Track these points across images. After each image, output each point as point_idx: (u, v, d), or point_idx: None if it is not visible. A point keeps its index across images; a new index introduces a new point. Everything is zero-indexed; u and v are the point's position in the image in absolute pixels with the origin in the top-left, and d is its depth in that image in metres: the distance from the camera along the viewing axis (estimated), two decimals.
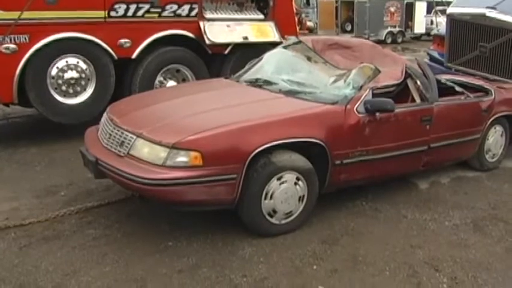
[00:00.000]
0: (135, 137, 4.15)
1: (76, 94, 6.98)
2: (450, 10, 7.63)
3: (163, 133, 4.08)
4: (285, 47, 6.05)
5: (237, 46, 8.12)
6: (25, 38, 6.56)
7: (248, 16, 8.40)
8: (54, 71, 6.79)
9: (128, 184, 4.03)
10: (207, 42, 7.77)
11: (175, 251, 4.16)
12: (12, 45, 6.46)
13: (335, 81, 5.11)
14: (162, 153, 3.95)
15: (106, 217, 4.71)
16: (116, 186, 4.94)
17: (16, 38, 6.49)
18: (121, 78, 7.36)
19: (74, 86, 6.94)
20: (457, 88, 5.88)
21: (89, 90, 7.06)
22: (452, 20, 7.48)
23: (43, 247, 4.23)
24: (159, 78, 7.55)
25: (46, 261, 4.02)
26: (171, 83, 7.62)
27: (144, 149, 4.06)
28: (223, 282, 3.76)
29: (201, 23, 7.78)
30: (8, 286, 3.71)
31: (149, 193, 4.01)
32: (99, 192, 5.23)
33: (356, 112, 4.66)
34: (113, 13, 7.08)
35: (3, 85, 6.50)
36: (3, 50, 6.38)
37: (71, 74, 6.88)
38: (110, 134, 4.38)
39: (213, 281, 3.76)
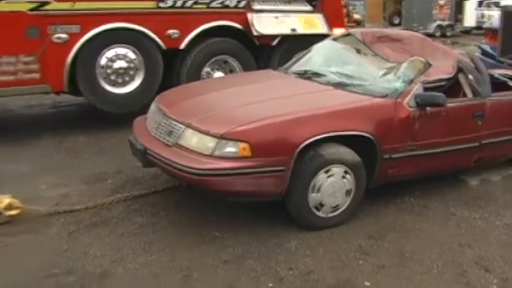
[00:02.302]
0: (183, 126, 4.17)
1: (124, 84, 7.07)
2: (504, 2, 7.43)
3: (212, 123, 4.09)
4: (334, 39, 5.99)
5: (284, 38, 8.07)
6: (76, 28, 6.67)
7: (296, 8, 8.33)
8: (103, 61, 6.89)
9: (175, 173, 4.06)
10: (255, 33, 7.75)
11: (221, 241, 4.16)
12: (63, 35, 6.58)
13: (385, 74, 5.03)
14: (210, 143, 3.96)
15: (153, 205, 4.75)
16: (163, 175, 4.99)
17: (68, 28, 6.60)
18: (169, 69, 7.41)
19: (123, 76, 7.03)
20: (510, 83, 5.71)
21: (137, 80, 7.14)
22: (506, 12, 7.27)
23: (91, 233, 4.30)
24: (207, 69, 7.58)
25: (94, 247, 4.08)
26: (218, 74, 7.64)
27: (192, 139, 4.08)
28: (268, 274, 3.75)
29: (249, 15, 7.76)
30: (58, 270, 3.78)
31: (197, 183, 4.03)
32: (146, 180, 5.28)
33: (406, 106, 4.57)
34: (162, 4, 7.13)
35: (55, 74, 6.63)
36: (55, 40, 6.49)
37: (120, 64, 6.97)
38: (159, 124, 4.41)
39: (258, 273, 3.76)
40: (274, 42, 8.07)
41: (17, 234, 4.29)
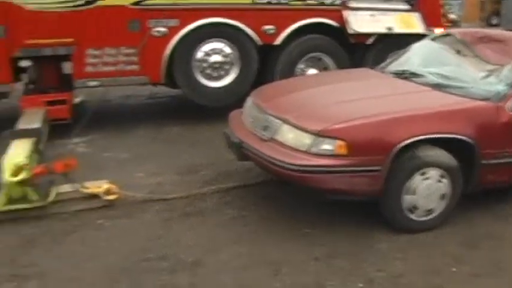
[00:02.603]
0: (280, 122, 4.20)
1: (219, 78, 7.20)
2: None
3: (309, 120, 4.09)
4: (433, 39, 5.84)
5: (380, 37, 7.94)
6: (175, 22, 6.86)
7: (393, 6, 8.16)
8: (200, 55, 7.05)
9: (270, 168, 4.10)
10: (350, 31, 7.67)
11: (311, 238, 4.17)
12: (163, 29, 6.77)
13: (486, 76, 4.85)
14: (307, 139, 3.97)
15: (244, 199, 4.82)
16: (255, 169, 5.05)
17: (167, 22, 6.79)
18: (263, 64, 7.47)
19: (218, 70, 7.16)
20: None
21: (232, 75, 7.25)
22: None
23: (184, 222, 4.42)
24: (301, 65, 7.58)
25: (187, 236, 4.19)
26: (311, 71, 7.61)
27: (288, 135, 4.10)
28: (358, 274, 3.72)
29: (345, 12, 7.69)
30: (152, 255, 3.92)
31: (291, 178, 4.05)
32: (238, 174, 5.35)
33: (508, 110, 4.39)
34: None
35: (153, 66, 6.86)
36: (155, 33, 6.69)
37: (215, 58, 7.11)
38: (255, 118, 4.47)
39: (348, 272, 3.73)
40: (369, 41, 7.95)
41: (114, 218, 4.49)
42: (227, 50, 7.15)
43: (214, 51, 7.09)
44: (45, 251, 4.03)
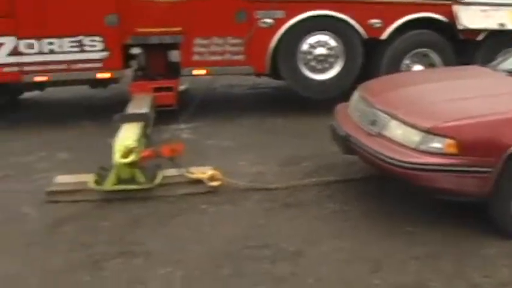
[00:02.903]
0: (388, 117, 4.14)
1: (324, 70, 7.17)
2: None
3: (419, 116, 4.01)
4: None
5: (490, 33, 7.62)
6: (281, 14, 6.91)
7: (506, 1, 7.81)
8: (305, 47, 7.06)
9: (377, 163, 4.06)
10: (459, 27, 7.40)
11: (413, 237, 4.08)
12: (269, 20, 6.83)
13: None
14: (416, 136, 3.90)
15: (345, 193, 4.79)
16: (357, 163, 5.01)
17: (273, 14, 6.84)
18: (367, 58, 7.37)
19: (323, 63, 7.14)
20: None
21: (336, 68, 7.20)
22: None
23: (285, 213, 4.46)
24: (406, 61, 7.39)
25: (287, 227, 4.23)
26: (417, 67, 7.42)
27: (397, 131, 4.04)
28: (462, 278, 3.59)
29: (455, 7, 7.43)
30: (254, 243, 3.99)
31: (398, 175, 3.98)
32: (340, 167, 5.31)
33: None
34: None
35: (258, 57, 6.97)
36: (261, 24, 6.76)
37: (320, 51, 7.09)
38: (362, 112, 4.43)
39: (451, 275, 3.62)
40: (480, 37, 7.63)
41: (217, 204, 4.61)
42: (332, 43, 7.11)
43: (320, 44, 7.08)
44: (151, 231, 4.20)
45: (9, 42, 6.57)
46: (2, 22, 6.52)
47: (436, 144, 3.84)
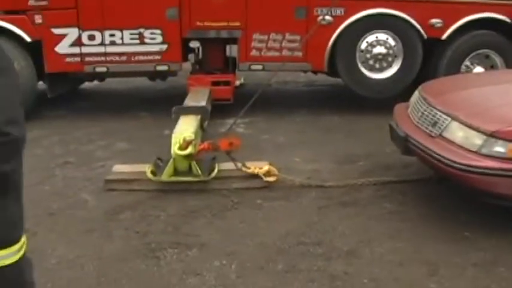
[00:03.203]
0: (450, 119, 4.07)
1: (382, 69, 7.08)
2: None
3: (482, 119, 3.92)
4: None
5: None
6: (341, 11, 6.86)
7: None
8: (363, 45, 6.99)
9: (437, 165, 3.99)
10: None
11: (471, 242, 3.99)
12: (328, 17, 6.79)
13: None
14: (477, 139, 3.82)
15: (402, 194, 4.72)
16: (414, 165, 4.95)
17: (333, 11, 6.80)
18: (426, 59, 7.24)
19: (381, 62, 7.05)
20: None
21: (395, 67, 7.09)
22: None
23: (340, 211, 4.44)
24: (467, 62, 7.22)
25: (342, 225, 4.20)
26: (478, 69, 7.23)
27: (458, 133, 3.97)
28: None
29: None
30: (308, 240, 3.99)
31: (458, 178, 3.91)
32: (396, 168, 5.25)
33: None
34: None
35: (316, 54, 6.94)
36: (321, 21, 6.72)
37: (379, 50, 7.01)
38: (422, 113, 4.36)
39: (510, 283, 3.53)
40: None
41: (272, 200, 4.62)
42: (391, 41, 7.01)
43: (379, 43, 7.00)
44: (206, 223, 4.25)
45: (72, 33, 6.73)
46: (66, 14, 6.70)
47: (499, 148, 3.75)
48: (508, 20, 7.22)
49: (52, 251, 3.83)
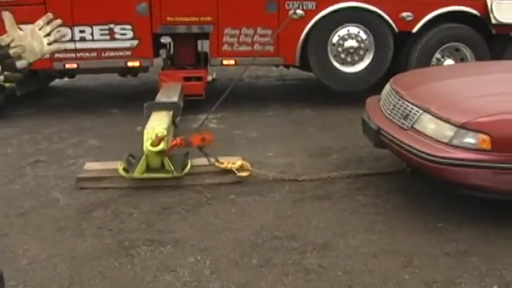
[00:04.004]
0: (421, 111, 4.10)
1: (353, 63, 7.13)
2: None
3: (453, 111, 3.96)
4: None
5: None
6: (312, 5, 6.87)
7: None
8: (335, 39, 7.03)
9: (409, 157, 4.02)
10: (493, 21, 7.27)
11: (444, 233, 4.03)
12: (300, 11, 6.79)
13: None
14: (448, 131, 3.85)
15: (375, 187, 4.75)
16: (387, 157, 4.98)
17: (304, 5, 6.81)
18: (397, 52, 7.29)
19: (352, 55, 7.10)
20: None
21: (366, 61, 7.14)
22: None
23: (314, 204, 4.44)
24: (437, 55, 7.30)
25: (317, 219, 4.20)
26: (448, 62, 7.32)
27: (429, 125, 4.00)
28: (493, 276, 3.53)
29: (489, 1, 7.30)
30: (282, 234, 3.98)
31: (430, 170, 3.94)
32: (369, 161, 5.28)
33: None
34: None
35: (288, 48, 6.95)
36: (292, 15, 6.72)
37: (350, 43, 7.05)
38: (394, 106, 4.38)
39: (482, 273, 3.56)
40: None
41: (246, 195, 4.60)
42: (363, 35, 7.06)
43: (350, 36, 7.03)
44: (179, 220, 4.21)
45: None
46: (34, 10, 6.57)
47: (470, 139, 3.79)
48: (477, 13, 7.30)
49: (24, 251, 3.76)
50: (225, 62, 6.99)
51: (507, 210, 4.16)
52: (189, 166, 4.79)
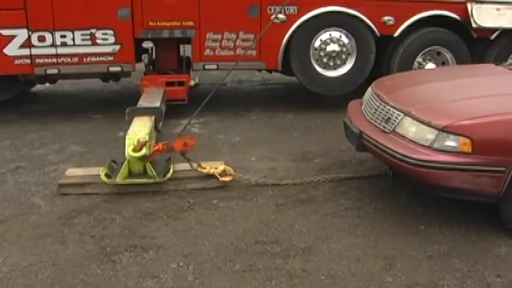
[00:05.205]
0: (402, 114, 4.12)
1: (336, 67, 7.15)
2: None
3: (433, 114, 3.98)
4: None
5: (504, 32, 7.56)
6: (294, 10, 6.89)
7: None
8: (317, 43, 7.05)
9: (390, 161, 4.04)
10: (474, 25, 7.34)
11: (426, 235, 4.06)
12: (282, 16, 6.81)
13: None
14: (429, 134, 3.87)
15: (358, 190, 4.77)
16: (370, 161, 5.00)
17: (286, 9, 6.82)
18: (379, 56, 7.34)
19: (335, 59, 7.12)
20: None
21: (348, 65, 7.17)
22: None
23: (297, 208, 4.45)
24: (419, 59, 7.35)
25: (299, 223, 4.22)
26: (430, 65, 7.37)
27: (410, 128, 4.02)
28: (475, 277, 3.58)
29: (469, 5, 7.37)
30: (265, 239, 3.98)
31: (412, 173, 3.96)
32: (352, 164, 5.31)
33: None
34: None
35: (271, 52, 6.96)
36: (274, 20, 6.73)
37: (333, 47, 7.07)
38: (376, 109, 4.41)
39: (464, 274, 3.60)
40: (493, 36, 7.58)
41: (228, 199, 4.60)
42: (345, 39, 7.09)
43: (332, 40, 7.06)
44: (162, 225, 4.19)
45: (22, 34, 6.56)
46: (14, 14, 6.52)
47: (451, 142, 3.81)
48: (458, 17, 7.37)
49: (4, 259, 3.72)
50: (207, 66, 6.98)
51: (488, 212, 4.19)
52: (171, 171, 4.77)
